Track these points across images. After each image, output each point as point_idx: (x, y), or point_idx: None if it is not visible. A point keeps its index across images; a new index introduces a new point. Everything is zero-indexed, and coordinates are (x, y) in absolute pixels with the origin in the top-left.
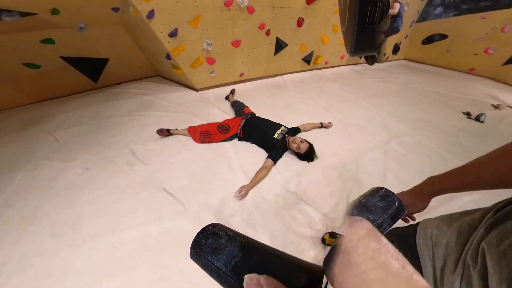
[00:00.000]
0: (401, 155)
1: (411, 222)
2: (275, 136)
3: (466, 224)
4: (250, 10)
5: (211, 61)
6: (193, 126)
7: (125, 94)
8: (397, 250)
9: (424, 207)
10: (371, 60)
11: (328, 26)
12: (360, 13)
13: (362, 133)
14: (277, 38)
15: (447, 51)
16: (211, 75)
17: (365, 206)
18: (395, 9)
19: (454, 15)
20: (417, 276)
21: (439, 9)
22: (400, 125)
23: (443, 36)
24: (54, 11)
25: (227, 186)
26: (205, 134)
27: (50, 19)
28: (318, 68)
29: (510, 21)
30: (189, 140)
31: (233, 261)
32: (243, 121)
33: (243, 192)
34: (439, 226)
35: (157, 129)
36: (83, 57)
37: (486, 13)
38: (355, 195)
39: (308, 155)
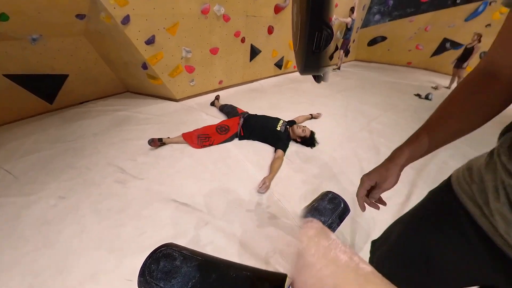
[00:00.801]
0: (384, 132)
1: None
2: (278, 128)
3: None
4: (226, 18)
5: (190, 69)
6: (188, 132)
7: (92, 112)
8: (344, 243)
9: (396, 181)
10: (318, 79)
11: None
12: (308, 39)
13: (346, 119)
14: (251, 45)
15: (388, 50)
16: (191, 83)
17: (317, 209)
18: (349, 23)
19: (389, 20)
20: (363, 264)
21: (377, 16)
22: (373, 110)
23: (383, 38)
24: (2, 17)
25: (245, 183)
26: (203, 137)
27: None
28: (289, 72)
29: (430, 22)
30: (185, 147)
31: (190, 284)
32: (242, 119)
33: (267, 183)
34: (469, 165)
35: (144, 141)
36: (34, 74)
37: (412, 17)
38: (366, 166)
39: (312, 139)
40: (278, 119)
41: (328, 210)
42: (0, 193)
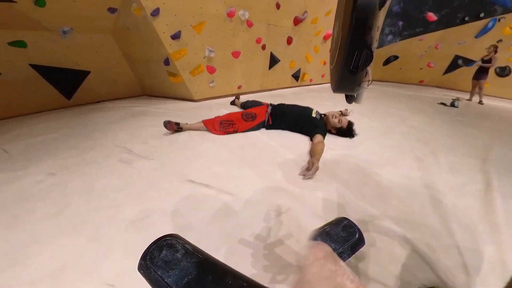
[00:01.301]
0: (423, 128)
1: None
2: (314, 115)
3: None
4: (249, 24)
5: (211, 69)
6: (209, 118)
7: (108, 108)
8: (353, 272)
9: None
10: (350, 99)
11: (310, 47)
12: (347, 57)
13: (378, 117)
14: (271, 53)
15: (400, 68)
16: (211, 84)
17: (328, 234)
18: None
19: (400, 40)
20: None
21: (389, 37)
22: (402, 112)
23: (395, 57)
24: (40, 2)
25: (283, 168)
26: (227, 123)
27: (29, 13)
28: (306, 84)
29: (439, 40)
30: (206, 133)
31: (186, 279)
32: (270, 107)
33: (316, 165)
34: None
35: (159, 128)
36: (59, 67)
37: (422, 36)
38: (421, 154)
39: (350, 129)
40: (310, 108)
41: (341, 238)
42: None
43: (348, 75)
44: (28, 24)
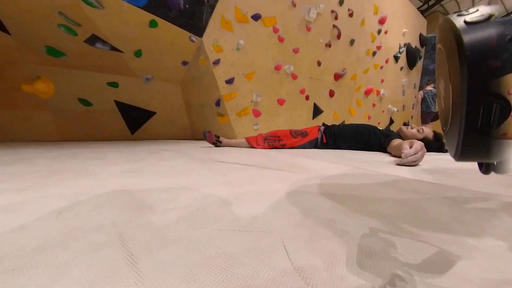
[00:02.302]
0: None
1: None
2: (380, 128)
3: None
4: (294, 76)
5: (257, 113)
6: (253, 136)
7: (163, 141)
8: None
9: None
10: (486, 169)
11: (352, 101)
12: (468, 115)
13: None
14: (314, 103)
15: None
16: (255, 127)
17: None
18: (419, 95)
19: None
20: None
21: None
22: None
23: None
24: (138, 53)
25: (374, 164)
26: (272, 139)
27: (128, 61)
28: None
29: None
30: (249, 149)
31: None
32: (323, 126)
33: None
34: None
35: (200, 148)
36: (133, 105)
37: None
38: None
39: (440, 139)
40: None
41: None
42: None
43: (476, 137)
44: (124, 71)
